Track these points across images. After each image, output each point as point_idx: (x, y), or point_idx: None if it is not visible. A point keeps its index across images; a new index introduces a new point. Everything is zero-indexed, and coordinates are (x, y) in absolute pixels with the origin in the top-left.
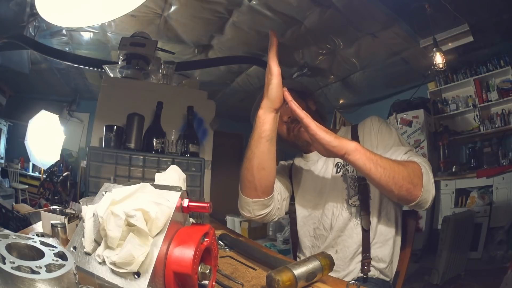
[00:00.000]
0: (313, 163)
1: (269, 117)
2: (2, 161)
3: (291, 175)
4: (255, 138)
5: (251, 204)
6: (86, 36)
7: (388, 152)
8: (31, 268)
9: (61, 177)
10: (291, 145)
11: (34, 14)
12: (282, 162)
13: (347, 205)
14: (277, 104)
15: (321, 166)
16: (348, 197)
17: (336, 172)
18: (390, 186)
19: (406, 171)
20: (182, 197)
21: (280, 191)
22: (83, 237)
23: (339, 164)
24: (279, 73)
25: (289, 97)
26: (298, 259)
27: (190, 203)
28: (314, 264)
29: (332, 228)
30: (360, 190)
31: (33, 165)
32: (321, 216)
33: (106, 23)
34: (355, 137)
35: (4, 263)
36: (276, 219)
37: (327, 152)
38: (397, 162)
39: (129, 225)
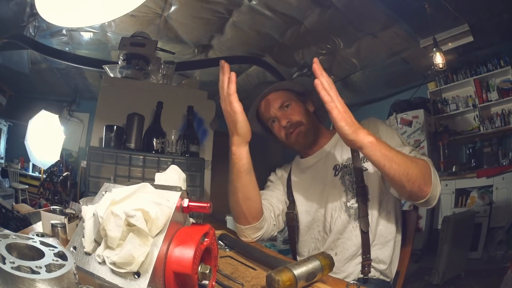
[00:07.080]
0: (312, 166)
1: (243, 151)
2: (2, 161)
3: (290, 184)
4: (235, 173)
5: (245, 230)
6: (86, 36)
7: None
8: (31, 268)
9: (61, 177)
10: (290, 148)
11: (34, 14)
12: (277, 171)
13: (346, 207)
14: (248, 138)
15: (320, 168)
16: (346, 199)
17: (335, 175)
18: (403, 182)
19: (418, 168)
20: (182, 197)
21: (273, 208)
22: (83, 237)
23: (337, 166)
24: (242, 110)
25: (319, 71)
26: None
27: (190, 203)
28: (314, 264)
29: (331, 231)
30: (358, 192)
31: (33, 165)
32: (323, 219)
33: (106, 23)
34: None
35: (4, 263)
36: (275, 234)
37: (345, 142)
38: (411, 159)
39: (129, 225)
